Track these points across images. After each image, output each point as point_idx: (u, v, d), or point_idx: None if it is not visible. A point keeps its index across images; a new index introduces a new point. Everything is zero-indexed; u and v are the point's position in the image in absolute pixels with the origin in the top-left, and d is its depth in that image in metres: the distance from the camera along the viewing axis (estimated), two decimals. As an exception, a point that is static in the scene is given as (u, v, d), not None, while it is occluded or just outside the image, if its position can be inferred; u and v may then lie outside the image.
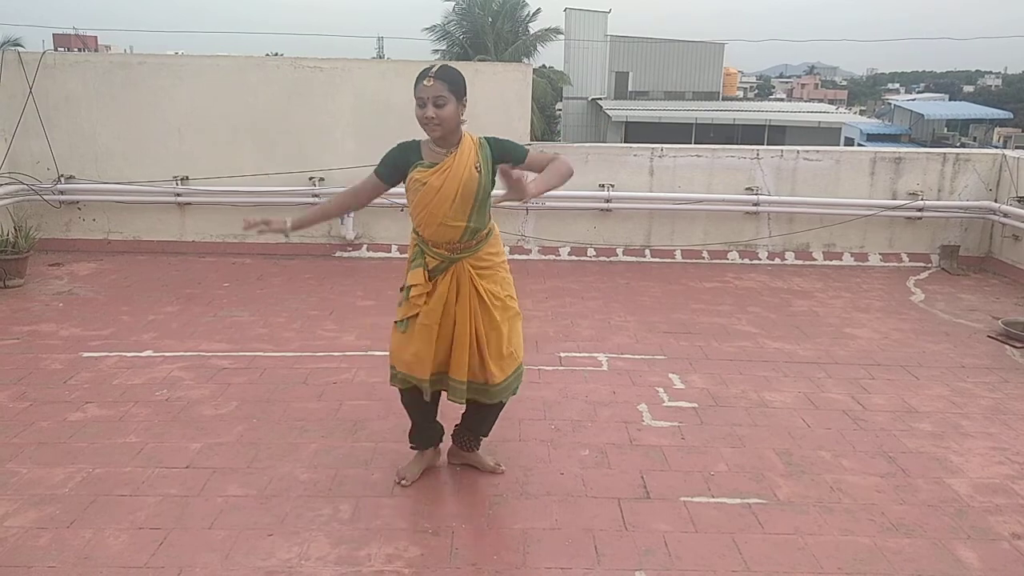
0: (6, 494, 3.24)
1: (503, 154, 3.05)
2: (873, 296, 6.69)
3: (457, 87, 2.93)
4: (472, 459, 3.51)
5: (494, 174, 3.02)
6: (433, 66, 2.96)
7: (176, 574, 2.76)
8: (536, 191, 2.81)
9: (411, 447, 3.45)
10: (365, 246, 7.76)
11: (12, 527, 3.01)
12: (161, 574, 2.76)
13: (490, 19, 31.38)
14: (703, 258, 7.82)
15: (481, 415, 3.37)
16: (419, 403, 3.28)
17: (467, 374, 3.15)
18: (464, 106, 2.99)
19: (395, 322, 3.21)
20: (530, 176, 2.84)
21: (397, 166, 3.05)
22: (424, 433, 3.42)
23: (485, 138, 3.10)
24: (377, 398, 4.26)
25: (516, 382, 3.29)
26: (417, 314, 3.11)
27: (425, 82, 2.89)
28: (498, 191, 2.99)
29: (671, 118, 29.60)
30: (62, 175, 7.51)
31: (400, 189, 3.09)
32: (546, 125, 31.05)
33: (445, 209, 2.98)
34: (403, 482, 3.35)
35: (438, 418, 3.45)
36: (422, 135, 3.05)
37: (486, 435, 3.49)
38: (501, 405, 3.35)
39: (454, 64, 3.00)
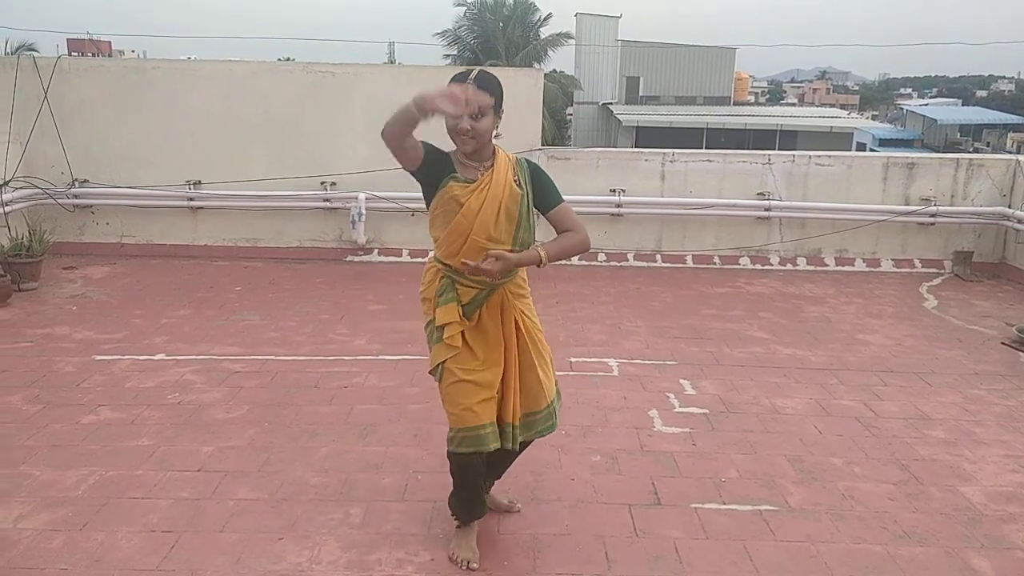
0: (20, 496, 3.26)
1: (540, 186, 2.75)
2: (886, 302, 6.65)
3: (497, 97, 2.60)
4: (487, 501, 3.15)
5: (531, 197, 2.75)
6: (471, 71, 2.60)
7: (187, 577, 2.77)
8: (538, 261, 2.65)
9: (457, 522, 2.98)
10: (376, 250, 7.78)
11: (26, 529, 3.03)
12: (173, 577, 2.77)
13: (501, 24, 31.45)
14: (714, 263, 7.79)
15: (503, 457, 2.97)
16: (479, 467, 2.85)
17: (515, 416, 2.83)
18: (500, 118, 2.66)
19: (430, 372, 2.84)
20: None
21: (435, 162, 2.65)
22: (478, 504, 2.96)
23: (525, 159, 2.79)
24: (388, 402, 4.27)
25: (547, 420, 2.91)
26: (446, 359, 2.74)
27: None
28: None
29: (682, 123, 29.57)
30: (76, 179, 7.57)
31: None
32: (557, 130, 31.08)
33: (488, 232, 2.63)
34: (473, 565, 2.85)
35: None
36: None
37: (500, 477, 3.17)
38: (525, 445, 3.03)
39: (490, 72, 2.63)
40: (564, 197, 2.80)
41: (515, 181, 2.69)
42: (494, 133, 2.65)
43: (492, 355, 2.76)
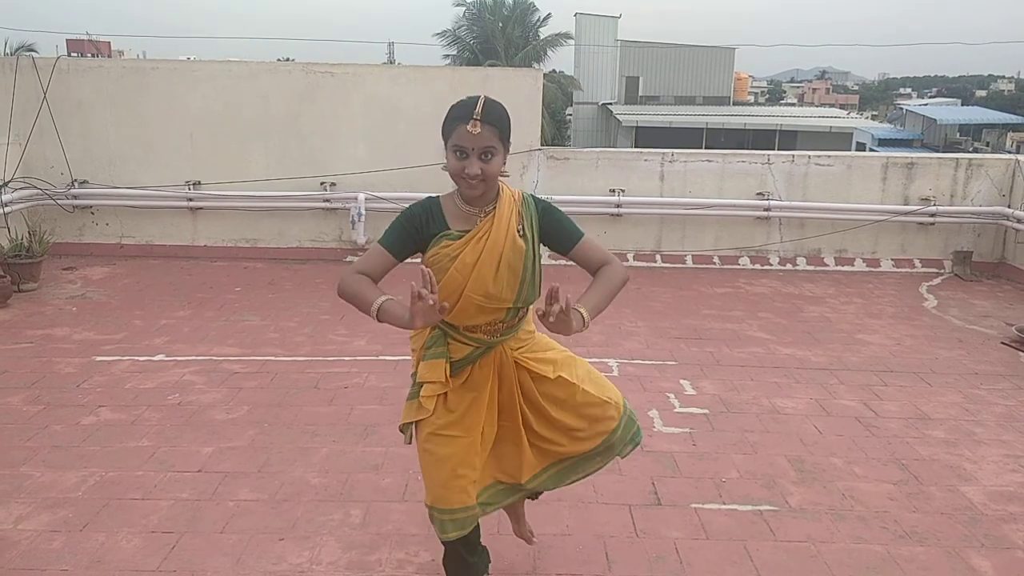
0: (20, 497, 3.26)
1: (552, 228, 2.35)
2: (885, 302, 6.65)
3: (505, 131, 2.21)
4: (517, 511, 2.82)
5: (537, 244, 2.36)
6: (474, 101, 2.16)
7: (188, 578, 2.77)
8: (582, 326, 2.16)
9: None
10: (376, 251, 7.77)
11: (26, 530, 3.03)
12: (173, 578, 2.77)
13: (500, 24, 31.49)
14: (714, 263, 7.80)
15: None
16: (460, 547, 2.47)
17: (542, 463, 2.52)
18: (508, 152, 2.27)
19: (400, 430, 2.53)
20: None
21: (413, 239, 2.33)
22: (475, 568, 2.56)
23: (532, 196, 2.39)
24: (388, 403, 4.27)
25: (630, 428, 2.57)
26: (420, 421, 2.40)
27: (470, 128, 2.12)
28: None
29: (682, 123, 29.61)
30: (76, 180, 7.57)
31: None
32: (556, 130, 31.09)
33: (486, 288, 2.25)
34: None
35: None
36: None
37: (536, 498, 2.86)
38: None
39: (495, 100, 2.22)
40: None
41: (518, 230, 2.29)
42: (503, 171, 2.27)
43: (473, 417, 2.37)
